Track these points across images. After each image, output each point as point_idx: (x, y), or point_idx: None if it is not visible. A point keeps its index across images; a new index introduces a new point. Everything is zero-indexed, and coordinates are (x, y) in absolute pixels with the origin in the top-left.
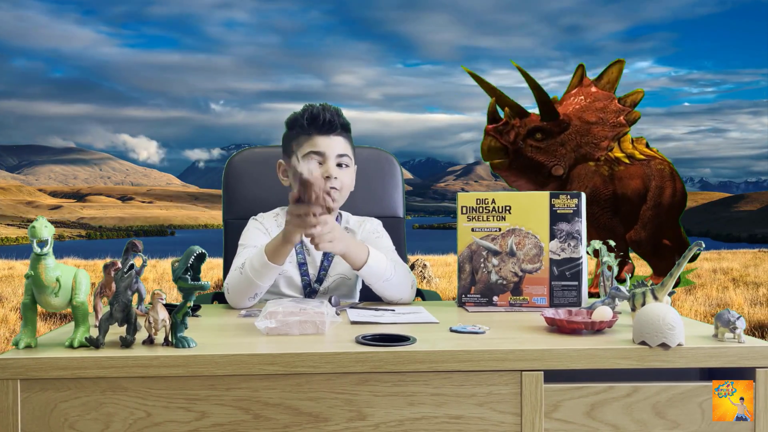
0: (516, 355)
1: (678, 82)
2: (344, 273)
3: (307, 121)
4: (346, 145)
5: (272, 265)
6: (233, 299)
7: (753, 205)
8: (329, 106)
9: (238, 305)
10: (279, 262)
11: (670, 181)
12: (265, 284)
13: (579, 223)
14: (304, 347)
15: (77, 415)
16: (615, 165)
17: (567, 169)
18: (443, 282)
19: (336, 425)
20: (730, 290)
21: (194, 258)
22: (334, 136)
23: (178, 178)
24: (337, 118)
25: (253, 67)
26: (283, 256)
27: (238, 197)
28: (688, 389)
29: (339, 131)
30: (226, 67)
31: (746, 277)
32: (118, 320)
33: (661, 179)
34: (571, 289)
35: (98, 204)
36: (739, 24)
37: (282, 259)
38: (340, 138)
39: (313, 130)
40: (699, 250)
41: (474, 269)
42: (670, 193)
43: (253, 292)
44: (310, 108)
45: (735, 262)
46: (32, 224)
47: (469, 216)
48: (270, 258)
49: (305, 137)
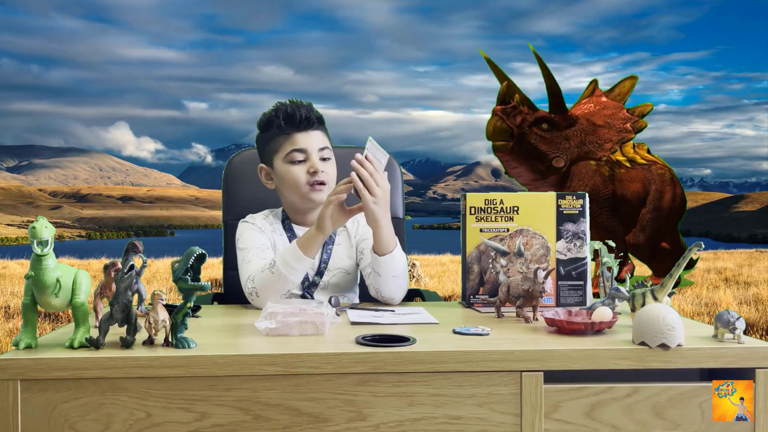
0: (516, 355)
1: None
2: (344, 267)
3: (284, 120)
4: (324, 138)
5: (307, 258)
6: (263, 300)
7: (753, 206)
8: (301, 102)
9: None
10: (313, 255)
11: (670, 186)
12: (298, 279)
13: (584, 223)
14: (304, 348)
15: (77, 416)
16: (616, 167)
17: (568, 163)
18: (433, 281)
19: (336, 426)
20: (720, 290)
21: (194, 259)
22: (312, 131)
23: (178, 178)
24: (312, 113)
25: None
26: (317, 247)
27: (238, 197)
28: (688, 390)
29: (316, 125)
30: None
31: (739, 276)
32: (118, 321)
33: (661, 183)
34: (577, 288)
35: (98, 204)
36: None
37: (316, 251)
38: (318, 132)
39: (291, 128)
40: (699, 251)
41: (482, 270)
42: (669, 197)
43: (285, 289)
44: (283, 107)
45: (730, 261)
46: (32, 224)
47: (478, 216)
48: (305, 251)
49: (284, 137)
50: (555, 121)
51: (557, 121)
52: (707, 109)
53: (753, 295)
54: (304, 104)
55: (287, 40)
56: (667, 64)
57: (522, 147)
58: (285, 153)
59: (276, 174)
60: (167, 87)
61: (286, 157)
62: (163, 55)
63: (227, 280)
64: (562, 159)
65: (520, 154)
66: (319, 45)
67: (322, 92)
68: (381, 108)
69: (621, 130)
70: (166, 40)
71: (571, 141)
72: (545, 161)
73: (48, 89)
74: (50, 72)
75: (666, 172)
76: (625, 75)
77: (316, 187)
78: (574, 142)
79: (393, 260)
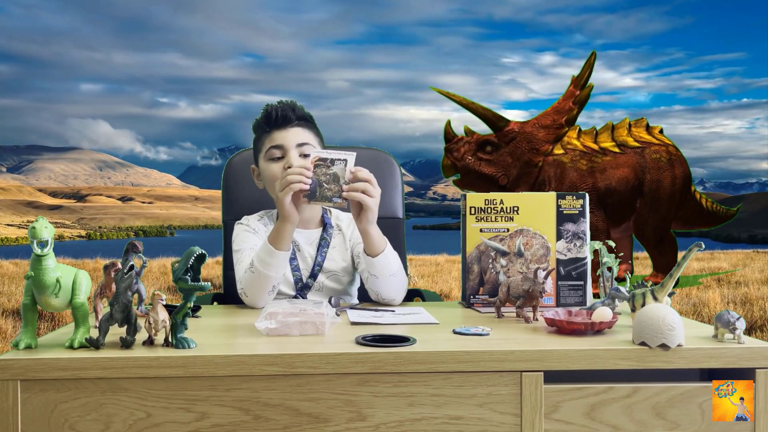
0: (516, 355)
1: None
2: (338, 270)
3: (264, 120)
4: (306, 134)
5: (278, 252)
6: (253, 300)
7: (753, 206)
8: (286, 102)
9: (259, 304)
10: (284, 248)
11: (668, 169)
12: (278, 274)
13: (584, 223)
14: (304, 348)
15: (77, 416)
16: (598, 156)
17: (512, 179)
18: (423, 280)
19: (336, 426)
20: (710, 290)
21: (194, 259)
22: (291, 127)
23: (178, 179)
24: (291, 111)
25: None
26: (286, 238)
27: (238, 198)
28: (688, 390)
29: (295, 122)
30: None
31: (732, 276)
32: (118, 321)
33: (656, 171)
34: (577, 288)
35: (98, 204)
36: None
37: (286, 243)
38: (298, 128)
39: (270, 126)
40: (699, 251)
41: (482, 270)
42: (668, 183)
43: (269, 286)
44: (266, 108)
45: (725, 261)
46: (32, 225)
47: (478, 217)
48: (274, 245)
49: (265, 135)
50: (495, 141)
51: (497, 141)
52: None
53: (742, 295)
54: (287, 103)
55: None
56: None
57: (469, 177)
58: (265, 150)
59: (261, 173)
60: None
61: (265, 154)
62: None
63: (227, 280)
64: (505, 177)
65: (469, 183)
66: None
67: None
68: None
69: (553, 127)
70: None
71: (513, 155)
72: (495, 183)
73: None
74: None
75: (661, 155)
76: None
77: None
78: (515, 156)
79: (386, 259)
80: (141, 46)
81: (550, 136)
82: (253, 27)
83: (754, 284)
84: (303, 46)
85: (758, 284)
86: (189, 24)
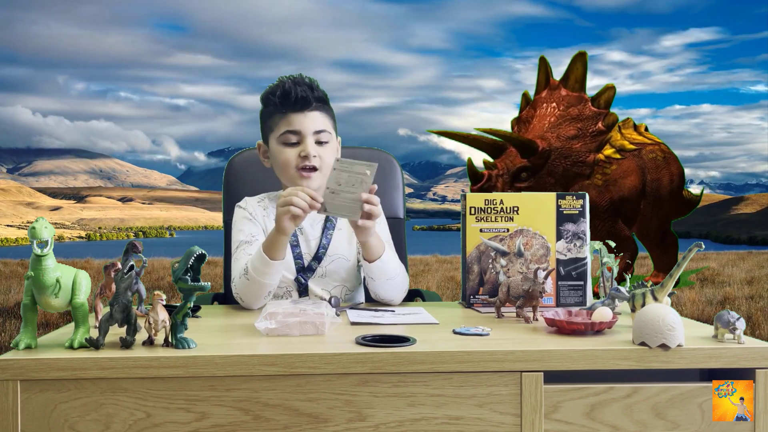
0: (516, 356)
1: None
2: (344, 254)
3: (279, 99)
4: (324, 120)
5: (273, 262)
6: (248, 304)
7: (753, 207)
8: (302, 79)
9: (254, 308)
10: (280, 257)
11: (665, 168)
12: (273, 281)
13: (584, 223)
14: (304, 348)
15: (77, 416)
16: (606, 167)
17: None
18: (415, 281)
19: (336, 426)
20: (693, 290)
21: (194, 259)
22: (309, 112)
23: (178, 179)
24: (311, 93)
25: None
26: (281, 249)
27: (239, 198)
28: (688, 390)
29: (314, 106)
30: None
31: (718, 277)
32: (118, 321)
33: (655, 170)
34: (577, 288)
35: (98, 205)
36: None
37: (281, 253)
38: (316, 113)
39: (286, 107)
40: (699, 251)
41: (482, 270)
42: (667, 181)
43: (265, 292)
44: (281, 84)
45: (716, 262)
46: (32, 225)
47: (478, 217)
48: (270, 255)
49: (279, 116)
50: (530, 166)
51: (532, 165)
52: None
53: (724, 294)
54: (305, 81)
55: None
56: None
57: None
58: (279, 133)
59: (270, 153)
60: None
61: (280, 137)
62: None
63: (227, 280)
64: None
65: None
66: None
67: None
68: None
69: (595, 134)
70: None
71: (554, 174)
72: None
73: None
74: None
75: (657, 154)
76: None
77: (304, 174)
78: (557, 174)
79: (384, 264)
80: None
81: (591, 145)
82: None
83: (737, 284)
84: (304, 46)
85: (741, 284)
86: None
